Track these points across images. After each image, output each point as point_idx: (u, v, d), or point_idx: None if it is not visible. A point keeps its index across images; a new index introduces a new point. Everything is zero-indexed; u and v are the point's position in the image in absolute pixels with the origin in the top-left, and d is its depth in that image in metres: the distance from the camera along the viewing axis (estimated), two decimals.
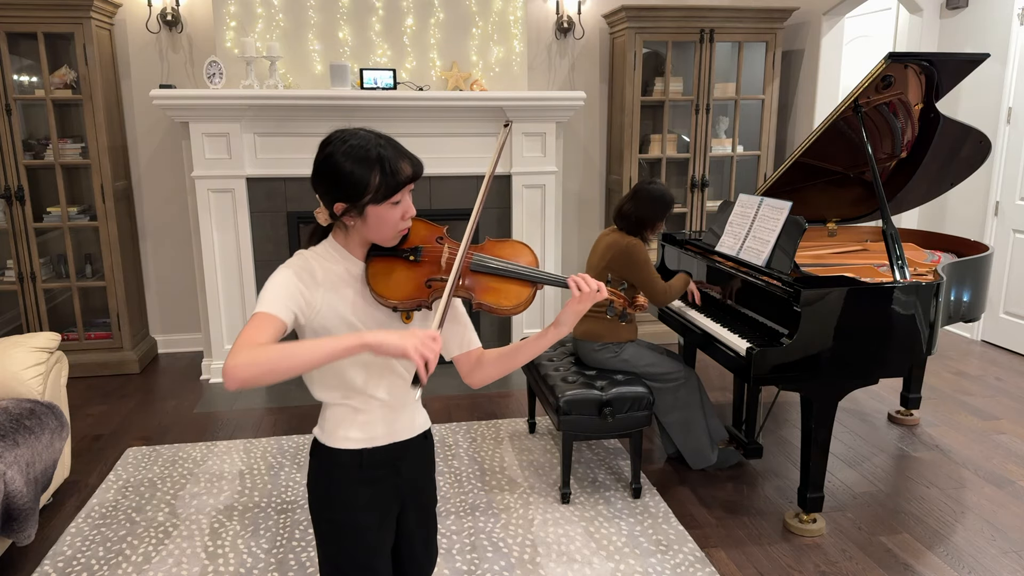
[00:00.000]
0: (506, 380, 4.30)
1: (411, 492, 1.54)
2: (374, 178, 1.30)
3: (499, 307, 1.41)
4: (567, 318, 1.43)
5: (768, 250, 2.78)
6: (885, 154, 3.37)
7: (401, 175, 1.32)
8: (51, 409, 2.71)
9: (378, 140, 1.34)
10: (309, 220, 4.33)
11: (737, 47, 4.84)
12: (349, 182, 1.31)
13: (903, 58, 2.85)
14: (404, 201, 1.36)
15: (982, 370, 4.41)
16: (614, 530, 2.70)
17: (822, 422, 2.59)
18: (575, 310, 1.42)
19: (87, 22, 3.98)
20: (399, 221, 1.37)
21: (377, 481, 1.47)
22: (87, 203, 4.47)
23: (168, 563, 2.50)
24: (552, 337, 1.44)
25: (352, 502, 1.45)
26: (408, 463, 1.52)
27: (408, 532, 1.56)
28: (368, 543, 1.47)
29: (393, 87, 4.17)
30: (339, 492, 1.45)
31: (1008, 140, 4.66)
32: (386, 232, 1.37)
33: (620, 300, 1.54)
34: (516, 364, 1.49)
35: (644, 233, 2.98)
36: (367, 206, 1.33)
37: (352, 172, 1.30)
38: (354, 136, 1.34)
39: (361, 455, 1.44)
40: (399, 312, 1.42)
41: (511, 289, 1.43)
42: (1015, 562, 2.52)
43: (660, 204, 2.94)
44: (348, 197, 1.33)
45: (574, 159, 5.11)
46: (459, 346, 1.53)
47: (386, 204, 1.33)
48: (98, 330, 4.46)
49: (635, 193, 2.97)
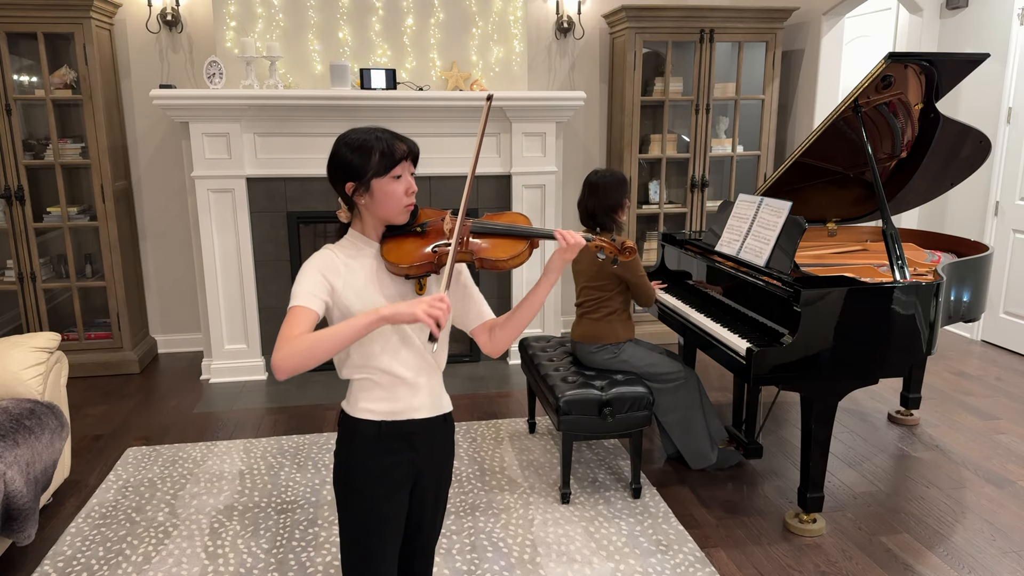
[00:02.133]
0: (506, 380, 4.30)
1: (426, 469, 1.63)
2: (374, 156, 1.48)
3: (498, 259, 1.54)
4: (555, 265, 1.57)
5: (768, 250, 2.78)
6: (885, 154, 3.37)
7: (397, 151, 1.50)
8: (51, 409, 2.71)
9: (375, 131, 1.52)
10: (309, 220, 4.33)
11: (737, 47, 4.84)
12: (353, 162, 1.49)
13: (903, 58, 2.85)
14: (405, 176, 1.52)
15: (982, 370, 4.41)
16: (614, 530, 2.70)
17: (822, 422, 2.59)
18: (563, 258, 1.57)
19: (87, 22, 3.98)
20: (403, 196, 1.52)
21: (393, 453, 1.57)
22: (87, 203, 4.47)
23: (168, 563, 2.50)
24: (545, 285, 1.58)
25: (368, 470, 1.56)
26: (425, 441, 1.61)
27: (420, 507, 1.66)
28: (379, 510, 1.57)
29: (394, 87, 4.17)
30: (356, 460, 1.57)
31: (1008, 140, 4.66)
32: (393, 206, 1.52)
33: (609, 245, 1.65)
34: (524, 321, 1.62)
35: (617, 218, 2.95)
36: (372, 180, 1.49)
37: (354, 159, 1.49)
38: (354, 131, 1.53)
39: (379, 426, 1.56)
40: (411, 280, 1.56)
41: (507, 244, 1.58)
42: (1015, 562, 2.52)
43: (619, 184, 2.92)
44: (355, 175, 1.49)
45: (574, 159, 5.11)
46: (476, 317, 1.68)
47: (388, 177, 1.49)
48: (98, 330, 4.46)
49: (591, 188, 2.94)
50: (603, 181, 2.92)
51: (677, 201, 5.12)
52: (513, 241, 1.59)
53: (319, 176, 4.24)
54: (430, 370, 1.60)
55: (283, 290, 4.35)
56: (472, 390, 4.15)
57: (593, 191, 2.93)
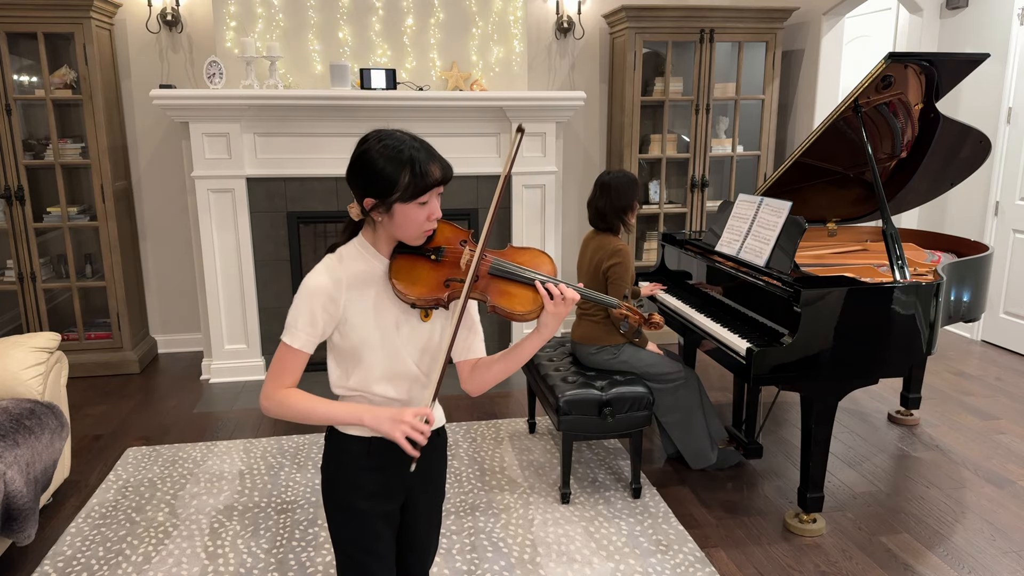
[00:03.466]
0: (506, 380, 4.30)
1: (419, 485, 1.59)
2: (404, 177, 1.36)
3: (512, 311, 1.44)
4: (548, 322, 1.46)
5: (768, 250, 2.78)
6: (885, 154, 3.37)
7: (430, 177, 1.37)
8: (51, 409, 2.71)
9: (412, 142, 1.40)
10: (309, 220, 4.33)
11: (737, 47, 4.84)
12: (380, 179, 1.37)
13: (903, 58, 2.85)
14: (431, 203, 1.41)
15: (982, 370, 4.41)
16: (614, 530, 2.70)
17: (822, 422, 2.59)
18: (556, 316, 1.45)
19: (87, 22, 3.98)
20: (424, 221, 1.42)
21: (384, 469, 1.51)
22: (87, 203, 4.47)
23: (168, 563, 2.50)
24: (536, 341, 1.47)
25: (358, 487, 1.51)
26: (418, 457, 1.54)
27: (412, 522, 1.61)
28: (370, 527, 1.52)
29: (394, 87, 4.17)
30: (346, 476, 1.52)
31: (1008, 140, 4.66)
32: (411, 231, 1.42)
33: (635, 317, 1.56)
34: (507, 372, 1.52)
35: (626, 219, 2.97)
36: (395, 203, 1.38)
37: (384, 169, 1.36)
38: (390, 136, 1.40)
39: (370, 443, 1.49)
40: (418, 309, 1.47)
41: (526, 295, 1.46)
42: (1015, 562, 2.52)
43: (630, 185, 2.94)
44: (378, 193, 1.38)
45: (574, 159, 5.11)
46: (466, 351, 1.58)
47: (413, 204, 1.38)
48: (98, 330, 4.46)
49: (602, 188, 2.96)
50: (615, 182, 2.93)
51: (677, 201, 5.12)
52: (532, 292, 1.46)
53: (319, 176, 4.24)
54: (423, 388, 1.54)
55: (283, 290, 4.35)
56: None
57: (604, 191, 2.95)
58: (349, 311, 1.43)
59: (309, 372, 1.50)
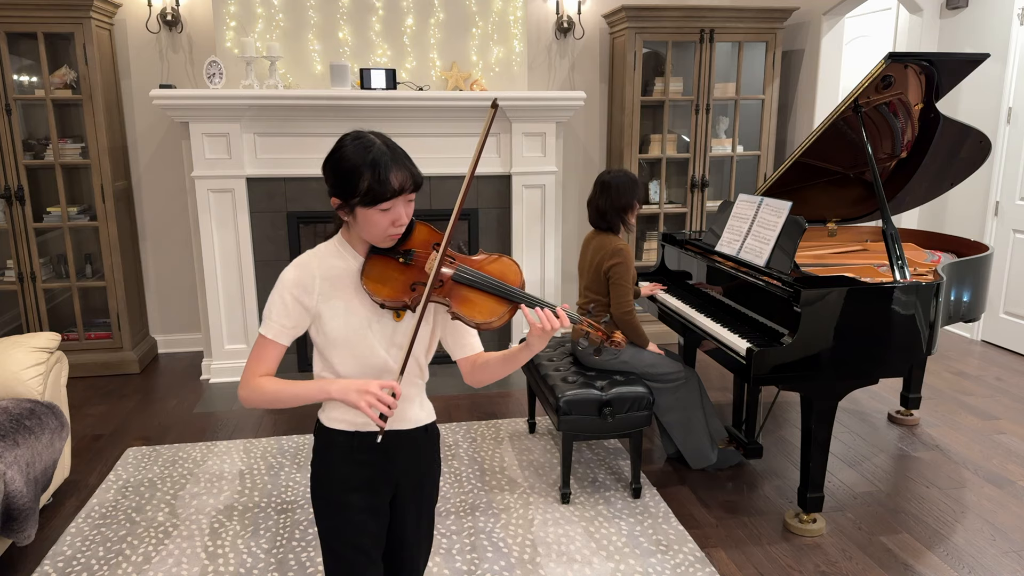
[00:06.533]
0: (506, 380, 4.30)
1: (407, 481, 1.59)
2: (363, 182, 1.36)
3: (471, 320, 1.44)
4: (533, 343, 1.45)
5: (768, 250, 2.78)
6: (885, 154, 3.37)
7: (388, 185, 1.36)
8: (51, 409, 2.71)
9: (382, 147, 1.38)
10: (309, 220, 4.33)
11: (737, 47, 4.84)
12: (342, 180, 1.38)
13: (903, 58, 2.85)
14: (395, 210, 1.40)
15: (982, 370, 4.41)
16: (614, 530, 2.70)
17: (822, 422, 2.59)
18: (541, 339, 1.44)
19: (87, 22, 3.98)
20: (388, 227, 1.41)
21: (369, 464, 1.53)
22: (87, 203, 4.47)
23: (168, 563, 2.50)
24: (524, 356, 1.48)
25: (343, 481, 1.52)
26: (404, 453, 1.57)
27: (401, 519, 1.61)
28: (355, 522, 1.53)
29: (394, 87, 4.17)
30: (331, 470, 1.53)
31: (1008, 140, 4.66)
32: (375, 234, 1.43)
33: (597, 333, 1.53)
34: (504, 372, 1.53)
35: (626, 219, 2.97)
36: (356, 207, 1.39)
37: (346, 172, 1.37)
38: (362, 138, 1.40)
39: (353, 437, 1.51)
40: (387, 309, 1.47)
41: (487, 304, 1.46)
42: (1015, 562, 2.52)
43: (631, 185, 2.94)
44: (340, 195, 1.40)
45: (574, 159, 5.11)
46: (463, 348, 1.59)
47: (374, 209, 1.38)
48: (98, 330, 4.46)
49: (602, 187, 2.96)
50: (615, 181, 2.94)
51: (677, 201, 5.12)
52: (495, 301, 1.46)
53: (319, 176, 4.22)
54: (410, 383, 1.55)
55: None
56: (472, 390, 4.15)
57: (605, 190, 2.95)
58: (323, 305, 1.45)
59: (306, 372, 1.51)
